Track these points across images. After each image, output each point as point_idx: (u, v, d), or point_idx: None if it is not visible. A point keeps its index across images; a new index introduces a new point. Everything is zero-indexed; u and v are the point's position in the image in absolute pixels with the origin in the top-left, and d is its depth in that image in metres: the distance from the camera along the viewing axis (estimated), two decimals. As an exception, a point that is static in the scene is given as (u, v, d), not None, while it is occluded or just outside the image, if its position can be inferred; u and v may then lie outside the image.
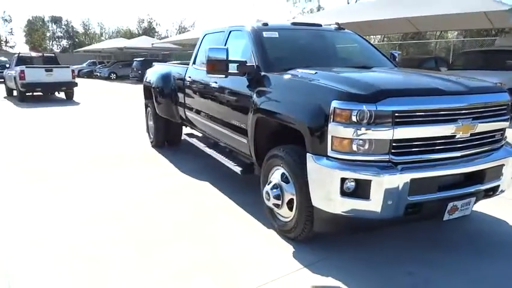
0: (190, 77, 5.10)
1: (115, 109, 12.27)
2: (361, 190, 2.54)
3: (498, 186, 2.97)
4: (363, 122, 2.49)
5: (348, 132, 2.53)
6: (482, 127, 2.80)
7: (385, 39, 24.88)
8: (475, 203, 2.87)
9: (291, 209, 3.06)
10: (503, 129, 3.02)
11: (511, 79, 8.35)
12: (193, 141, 5.30)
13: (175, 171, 5.17)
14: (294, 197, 3.00)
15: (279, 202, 3.10)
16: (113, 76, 30.74)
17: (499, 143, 3.03)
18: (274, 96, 3.23)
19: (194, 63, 5.17)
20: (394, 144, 2.54)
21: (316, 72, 3.11)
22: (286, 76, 3.27)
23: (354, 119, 2.50)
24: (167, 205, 3.98)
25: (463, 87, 2.80)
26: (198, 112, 4.92)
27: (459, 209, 2.77)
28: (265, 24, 4.09)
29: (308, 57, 3.94)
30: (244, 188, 4.40)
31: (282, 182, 3.10)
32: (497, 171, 2.92)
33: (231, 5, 66.80)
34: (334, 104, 2.56)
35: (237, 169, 3.91)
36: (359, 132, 2.51)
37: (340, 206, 2.61)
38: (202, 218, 3.66)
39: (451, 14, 12.39)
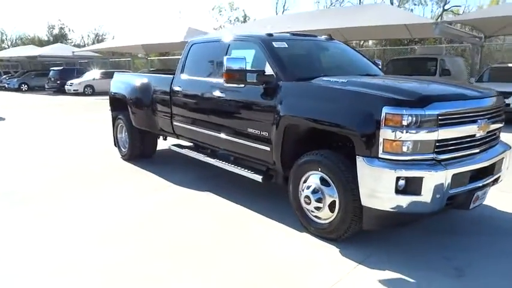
0: (180, 87, 5.00)
1: (56, 125, 11.30)
2: (413, 187, 2.80)
3: (499, 176, 3.45)
4: (413, 125, 2.76)
5: (398, 135, 2.77)
6: (492, 126, 3.25)
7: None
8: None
9: (332, 210, 3.22)
10: (500, 128, 3.53)
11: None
12: (187, 151, 5.18)
13: (168, 184, 5.01)
14: (336, 199, 3.16)
15: (321, 205, 3.25)
16: (24, 87, 28.13)
17: (498, 140, 3.53)
18: (307, 104, 3.36)
19: (182, 72, 5.08)
20: (437, 144, 2.85)
21: (347, 81, 3.33)
22: (317, 84, 3.44)
23: (404, 122, 2.76)
24: (182, 217, 3.88)
25: (478, 93, 3.23)
26: (192, 122, 4.84)
27: (479, 198, 3.18)
28: (270, 35, 4.22)
29: (319, 66, 4.16)
30: (252, 195, 4.45)
31: (322, 186, 3.25)
32: (500, 164, 3.40)
33: (154, 12, 64.94)
34: (386, 109, 2.79)
35: (257, 177, 3.96)
36: (409, 134, 2.77)
37: (393, 203, 2.84)
38: (229, 227, 3.65)
39: (377, 26, 13.64)
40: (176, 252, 3.15)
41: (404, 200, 2.82)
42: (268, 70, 3.79)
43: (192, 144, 5.41)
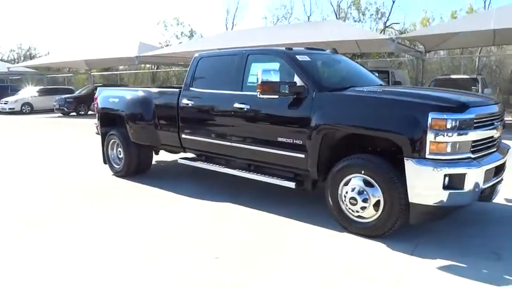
0: (191, 100, 5.03)
1: (18, 144, 10.49)
2: (457, 182, 3.17)
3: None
4: (455, 128, 3.15)
5: (443, 137, 3.14)
6: (501, 128, 3.77)
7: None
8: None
9: (376, 209, 3.49)
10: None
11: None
12: (201, 164, 5.18)
13: (182, 197, 4.98)
14: (381, 199, 3.45)
15: (366, 205, 3.51)
16: None
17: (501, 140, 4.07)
18: (350, 112, 3.64)
19: (191, 86, 5.13)
20: (473, 144, 3.26)
21: (381, 91, 3.68)
22: (358, 94, 3.76)
23: (448, 126, 3.14)
24: (219, 229, 3.91)
25: (491, 100, 3.72)
26: (207, 134, 4.89)
27: (497, 191, 3.66)
28: (290, 49, 4.46)
29: (340, 78, 4.49)
30: (272, 201, 4.60)
31: (366, 187, 3.52)
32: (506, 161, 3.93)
33: (80, 27, 62.12)
34: (432, 115, 3.15)
35: (289, 184, 4.14)
36: (452, 136, 3.15)
37: (439, 198, 3.19)
38: (268, 235, 3.74)
39: (332, 41, 14.50)
40: (238, 261, 3.21)
41: (449, 195, 3.18)
42: (298, 82, 4.02)
43: (196, 156, 5.44)
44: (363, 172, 3.54)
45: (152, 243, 3.61)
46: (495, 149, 3.64)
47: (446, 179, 3.16)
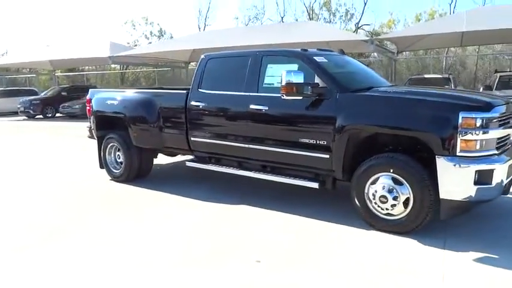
0: (201, 102, 4.95)
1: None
2: (486, 178, 3.33)
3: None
4: (483, 126, 3.30)
5: (473, 135, 3.29)
6: (512, 126, 3.99)
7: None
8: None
9: (405, 206, 3.60)
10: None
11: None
12: (211, 167, 5.10)
13: (197, 201, 4.87)
14: (410, 196, 3.56)
15: (396, 202, 3.61)
16: None
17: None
18: (376, 112, 3.72)
19: (200, 87, 5.06)
20: (497, 141, 3.44)
21: (405, 91, 3.80)
22: (383, 95, 3.87)
23: (477, 124, 3.29)
24: (249, 232, 3.89)
25: (504, 100, 3.92)
26: (220, 136, 4.84)
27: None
28: (305, 50, 4.50)
29: (357, 78, 4.57)
30: (288, 202, 4.62)
31: (395, 185, 3.61)
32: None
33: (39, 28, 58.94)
34: (462, 114, 3.29)
35: (313, 184, 4.17)
36: (480, 134, 3.31)
37: (468, 193, 3.34)
38: (299, 236, 3.76)
39: (306, 42, 14.71)
40: (281, 263, 3.20)
41: (477, 190, 3.34)
42: (320, 83, 4.07)
43: (203, 158, 5.36)
44: (391, 170, 3.63)
45: (186, 249, 3.53)
46: (510, 146, 3.84)
47: (477, 175, 3.31)
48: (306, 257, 3.33)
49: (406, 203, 3.59)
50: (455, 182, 3.34)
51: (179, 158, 7.13)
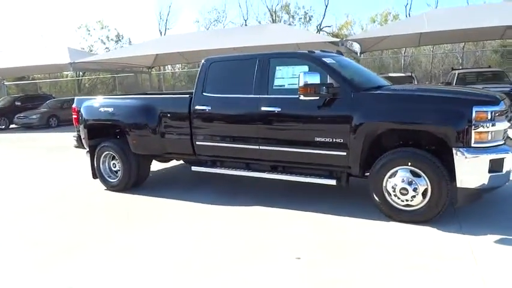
0: (206, 106, 4.94)
1: None
2: (497, 166, 3.62)
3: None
4: (494, 118, 3.59)
5: (486, 127, 3.58)
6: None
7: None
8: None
9: (424, 197, 3.82)
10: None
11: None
12: (220, 170, 5.09)
13: (206, 206, 4.85)
14: (428, 187, 3.78)
15: (415, 193, 3.82)
16: None
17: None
18: (392, 110, 3.93)
19: (204, 91, 5.04)
20: (504, 132, 3.75)
21: (416, 89, 4.03)
22: (397, 93, 4.13)
23: (489, 117, 3.57)
24: (273, 232, 3.95)
25: (503, 95, 4.26)
26: (229, 139, 4.86)
27: (512, 171, 4.23)
28: (312, 52, 4.63)
29: (364, 78, 4.76)
30: (305, 200, 4.72)
31: (413, 178, 3.83)
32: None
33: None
34: (475, 108, 3.57)
35: (330, 181, 4.31)
36: (491, 126, 3.60)
37: (482, 181, 3.62)
38: (321, 232, 3.87)
39: (279, 44, 14.96)
40: (320, 259, 3.30)
41: (490, 178, 3.62)
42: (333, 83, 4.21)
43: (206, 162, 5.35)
44: (409, 164, 3.84)
45: (225, 251, 3.53)
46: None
47: (491, 163, 3.59)
48: (340, 250, 3.44)
49: (424, 194, 3.82)
50: (471, 171, 3.60)
51: (172, 163, 7.05)
